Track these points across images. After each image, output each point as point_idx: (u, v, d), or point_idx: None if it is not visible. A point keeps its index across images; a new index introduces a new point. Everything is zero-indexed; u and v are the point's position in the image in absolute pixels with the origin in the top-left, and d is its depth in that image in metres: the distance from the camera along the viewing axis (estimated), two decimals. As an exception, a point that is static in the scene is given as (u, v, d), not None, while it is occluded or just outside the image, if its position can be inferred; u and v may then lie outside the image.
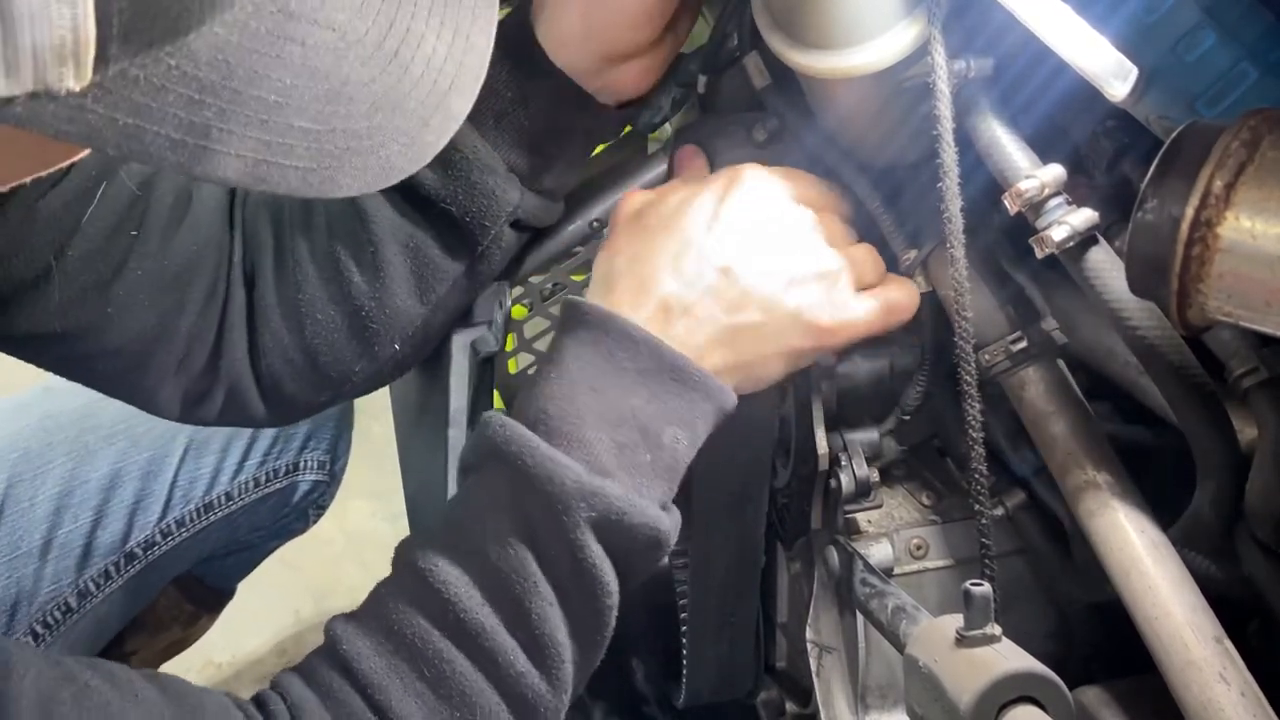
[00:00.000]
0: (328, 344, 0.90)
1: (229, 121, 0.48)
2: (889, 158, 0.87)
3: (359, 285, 0.88)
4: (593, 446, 0.73)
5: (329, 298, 0.89)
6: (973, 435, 0.76)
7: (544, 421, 0.73)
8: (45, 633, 1.22)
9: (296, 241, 0.89)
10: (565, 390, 0.74)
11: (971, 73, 0.77)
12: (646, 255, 0.78)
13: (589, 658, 0.75)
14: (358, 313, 0.89)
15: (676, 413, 0.75)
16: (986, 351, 0.84)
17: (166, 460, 1.27)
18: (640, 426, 0.74)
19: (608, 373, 0.74)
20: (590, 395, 0.74)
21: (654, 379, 0.75)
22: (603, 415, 0.73)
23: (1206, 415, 0.74)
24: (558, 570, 0.72)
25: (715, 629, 1.04)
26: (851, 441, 0.94)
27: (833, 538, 0.95)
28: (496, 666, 0.71)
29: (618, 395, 0.74)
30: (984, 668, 0.68)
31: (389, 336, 0.90)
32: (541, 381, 0.75)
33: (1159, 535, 0.77)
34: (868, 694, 0.95)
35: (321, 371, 0.91)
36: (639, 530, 0.73)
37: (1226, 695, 0.71)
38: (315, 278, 0.89)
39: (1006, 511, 0.94)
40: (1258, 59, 0.64)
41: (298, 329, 0.89)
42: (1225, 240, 0.61)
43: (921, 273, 0.87)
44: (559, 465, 0.71)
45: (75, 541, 1.22)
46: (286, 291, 0.89)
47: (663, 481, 0.75)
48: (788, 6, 0.78)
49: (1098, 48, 0.68)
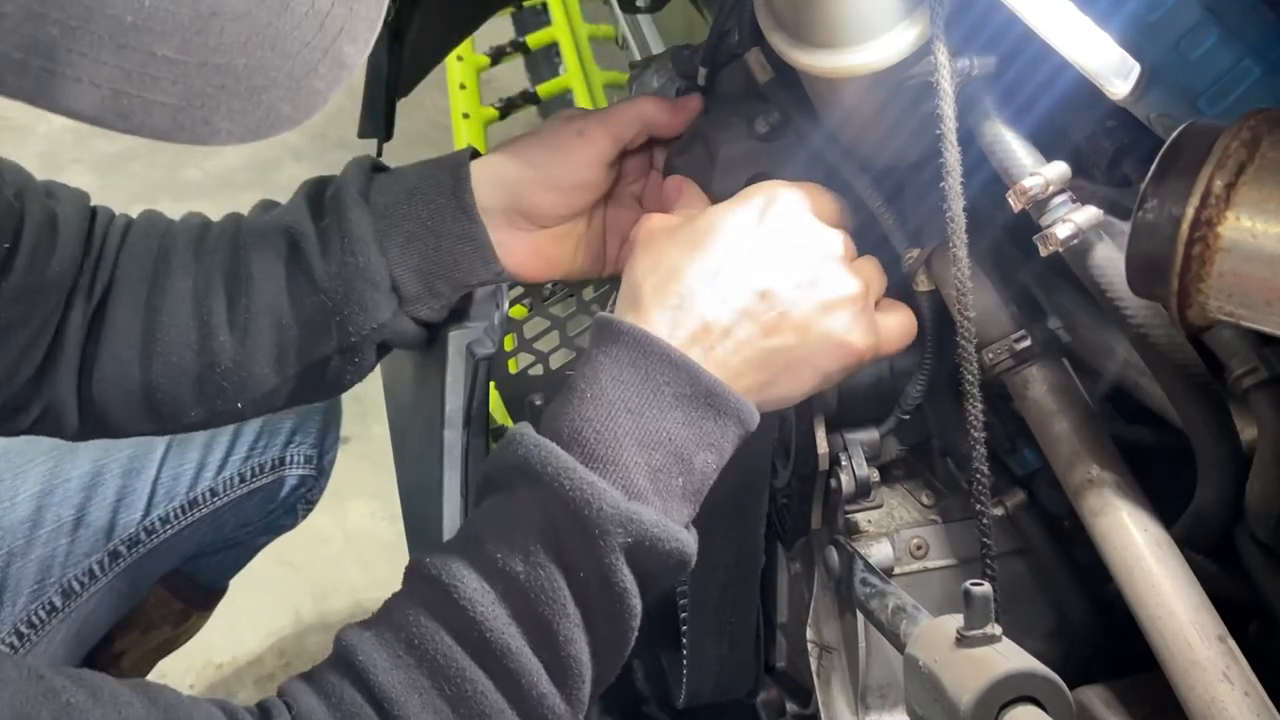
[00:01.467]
0: (171, 385, 0.90)
1: (77, 41, 0.45)
2: (891, 156, 0.87)
3: (223, 343, 0.89)
4: (629, 470, 0.72)
5: (190, 345, 0.89)
6: (974, 435, 0.76)
7: (580, 443, 0.72)
8: (30, 632, 1.21)
9: (175, 282, 0.90)
10: (603, 411, 0.73)
11: (974, 71, 0.77)
12: (682, 273, 0.78)
13: (607, 676, 0.75)
14: (213, 367, 0.89)
15: (709, 437, 0.75)
16: (990, 350, 0.84)
17: (149, 457, 1.27)
18: (675, 451, 0.73)
19: (645, 395, 0.73)
20: (628, 417, 0.73)
21: (690, 403, 0.74)
22: (639, 439, 0.73)
23: (1209, 415, 0.74)
24: (587, 592, 0.71)
25: (715, 629, 1.04)
26: (851, 441, 0.94)
27: (833, 538, 0.94)
28: (519, 688, 0.70)
29: (654, 418, 0.73)
30: (984, 668, 0.68)
31: (235, 396, 0.90)
32: (577, 401, 0.74)
33: (1162, 534, 0.77)
34: (868, 694, 0.95)
35: (154, 408, 0.91)
36: (669, 555, 0.73)
37: (1230, 695, 0.71)
38: (184, 322, 0.89)
39: (1006, 511, 0.94)
40: (1260, 57, 0.64)
41: (146, 364, 0.89)
42: (1225, 240, 0.61)
43: (924, 271, 0.87)
44: (596, 489, 0.70)
45: (58, 540, 1.22)
46: (150, 327, 0.89)
47: (690, 504, 0.76)
48: (790, 6, 0.78)
49: (1099, 46, 0.68)
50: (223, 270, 0.90)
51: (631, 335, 0.75)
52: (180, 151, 3.25)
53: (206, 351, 0.89)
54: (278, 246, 0.89)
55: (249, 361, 0.89)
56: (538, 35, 2.65)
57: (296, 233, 0.89)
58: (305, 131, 3.53)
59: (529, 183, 0.90)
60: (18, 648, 1.21)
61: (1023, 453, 0.94)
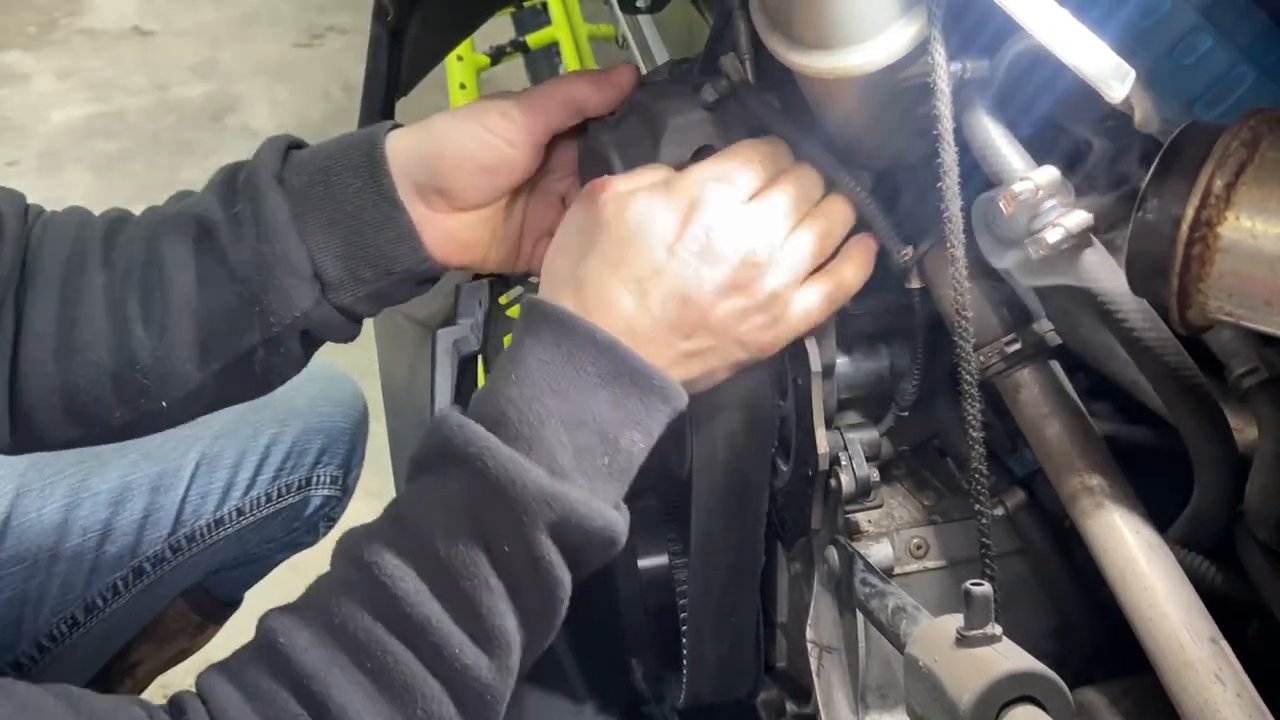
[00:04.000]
0: (91, 386, 0.88)
1: None
2: (887, 158, 0.87)
3: (140, 339, 0.87)
4: (553, 450, 0.73)
5: (106, 343, 0.87)
6: (973, 435, 0.76)
7: (504, 423, 0.73)
8: (52, 646, 1.21)
9: (90, 279, 0.88)
10: (527, 392, 0.74)
11: (967, 74, 0.77)
12: (613, 269, 0.78)
13: (539, 643, 0.76)
14: (132, 365, 0.87)
15: (635, 416, 0.76)
16: (981, 353, 0.84)
17: (178, 475, 1.26)
18: (600, 430, 0.74)
19: (570, 375, 0.74)
20: (552, 398, 0.74)
21: (615, 382, 0.75)
22: (564, 418, 0.74)
23: (1201, 415, 0.74)
24: (513, 568, 0.72)
25: (715, 629, 1.04)
26: (851, 441, 0.94)
27: (833, 538, 0.95)
28: (442, 659, 0.71)
29: (579, 398, 0.74)
30: (984, 668, 0.68)
31: (158, 394, 0.89)
32: (502, 381, 0.75)
33: (1154, 536, 0.77)
34: (868, 694, 0.95)
35: (77, 411, 0.89)
36: (597, 533, 0.74)
37: (1222, 696, 0.71)
38: (99, 320, 0.87)
39: (1006, 511, 0.94)
40: (1255, 61, 0.65)
41: (64, 365, 0.88)
42: (1225, 240, 0.61)
43: (917, 271, 0.87)
44: (520, 468, 0.71)
45: (83, 555, 1.21)
46: (65, 327, 0.87)
47: (618, 483, 0.76)
48: (785, 6, 0.78)
49: (1094, 50, 0.68)
50: (138, 264, 0.88)
51: (556, 315, 0.76)
52: (180, 152, 3.25)
53: (124, 349, 0.87)
54: (189, 236, 0.87)
55: (169, 357, 0.87)
56: (538, 35, 2.65)
57: (208, 221, 0.87)
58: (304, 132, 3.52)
59: (447, 159, 0.87)
60: (38, 660, 1.20)
61: (1023, 453, 0.94)
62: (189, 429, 1.25)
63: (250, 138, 3.37)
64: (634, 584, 1.17)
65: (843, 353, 0.96)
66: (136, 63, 3.74)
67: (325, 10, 3.92)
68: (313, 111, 3.51)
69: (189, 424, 1.25)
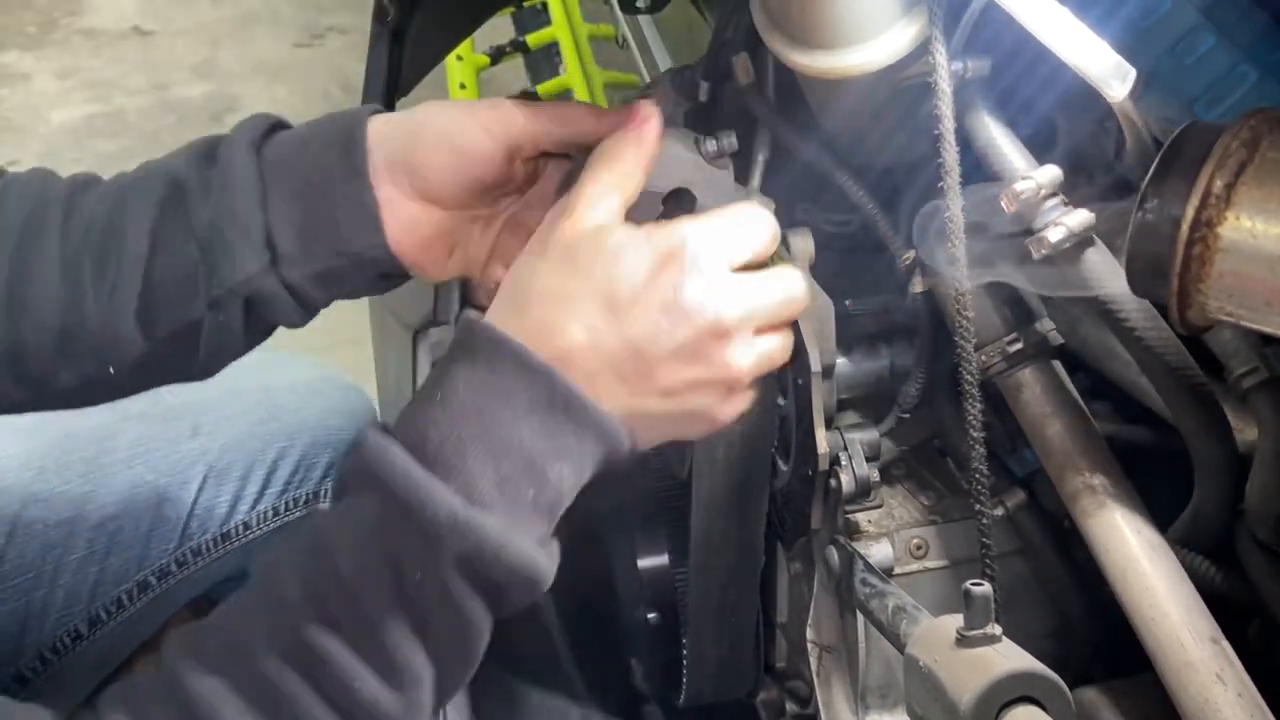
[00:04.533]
0: (39, 344, 0.86)
1: None
2: (888, 157, 0.88)
3: (90, 298, 0.85)
4: (473, 476, 0.69)
5: (57, 301, 0.85)
6: (973, 435, 0.76)
7: (423, 445, 0.69)
8: (55, 658, 1.20)
9: (47, 238, 0.86)
10: (451, 415, 0.70)
11: (969, 73, 0.77)
12: (567, 299, 0.73)
13: (455, 679, 0.73)
14: (81, 324, 0.85)
15: (566, 448, 0.71)
16: (983, 353, 0.84)
17: (185, 487, 1.25)
18: (526, 459, 0.70)
19: (499, 398, 0.70)
20: (477, 421, 0.70)
21: (547, 411, 0.70)
22: (488, 444, 0.69)
23: (1202, 415, 0.74)
24: (422, 598, 0.69)
25: (715, 629, 1.04)
26: (851, 441, 0.94)
27: (833, 538, 0.95)
28: (344, 693, 0.69)
29: (506, 423, 0.70)
30: (984, 668, 0.68)
31: (103, 358, 0.86)
32: (426, 403, 0.71)
33: (1156, 536, 0.77)
34: (868, 694, 0.95)
35: (23, 371, 0.87)
36: (515, 569, 0.69)
37: (1223, 695, 0.71)
38: (52, 278, 0.85)
39: (1006, 511, 0.94)
40: (1257, 61, 0.65)
41: (14, 322, 0.86)
42: (1225, 240, 0.61)
43: (919, 272, 0.87)
44: (433, 494, 0.68)
45: (88, 567, 1.20)
46: (15, 283, 0.85)
47: (544, 519, 0.72)
48: (786, 6, 0.78)
49: (1095, 50, 0.68)
50: (99, 223, 0.86)
51: (489, 334, 0.72)
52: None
53: (74, 308, 0.85)
54: (156, 196, 0.85)
55: (116, 320, 0.84)
56: (538, 35, 2.66)
57: (179, 180, 0.85)
58: (305, 131, 3.52)
59: (422, 135, 0.84)
60: (40, 672, 1.20)
61: (1023, 453, 0.94)
62: (196, 441, 1.25)
63: (250, 138, 3.37)
64: (634, 584, 1.17)
65: (843, 353, 0.96)
66: (136, 62, 3.74)
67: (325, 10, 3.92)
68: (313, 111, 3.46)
69: (196, 436, 1.25)
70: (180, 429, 1.26)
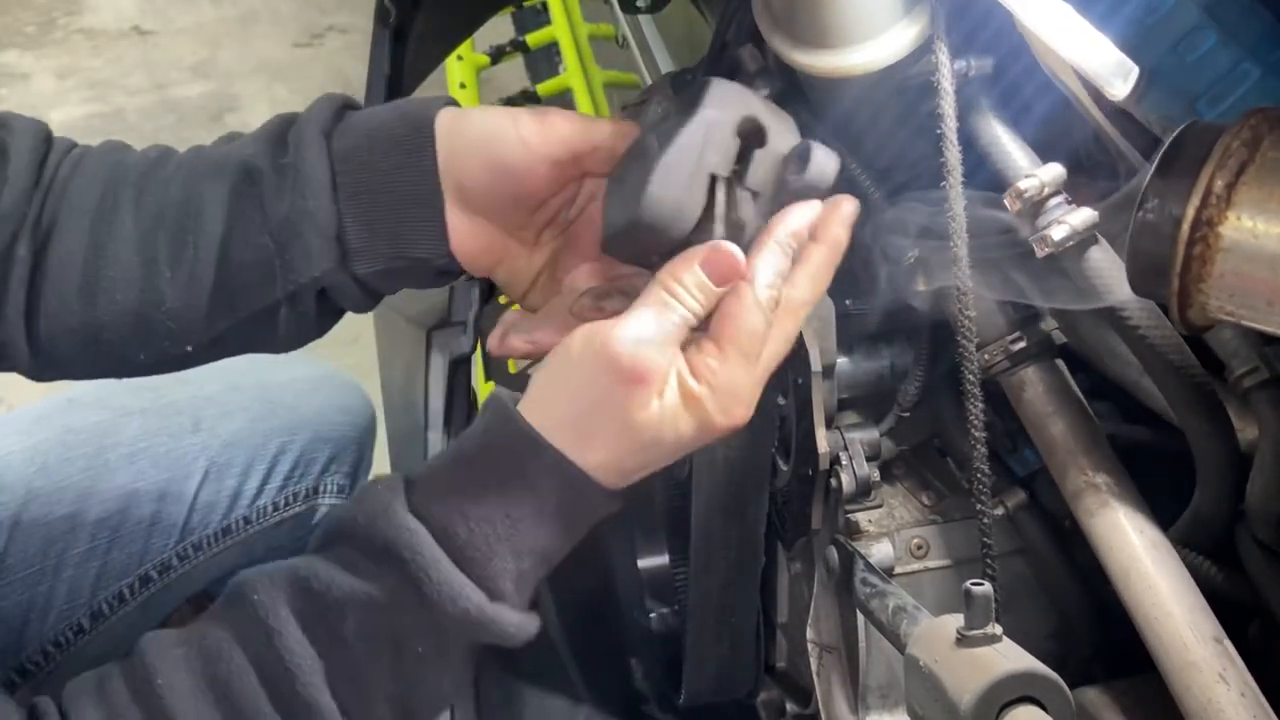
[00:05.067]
0: (116, 324, 0.86)
1: None
2: (890, 157, 0.87)
3: (167, 281, 0.85)
4: (498, 576, 0.71)
5: (133, 283, 0.85)
6: (975, 435, 0.76)
7: (452, 538, 0.71)
8: (56, 652, 1.21)
9: (121, 217, 0.86)
10: (484, 513, 0.71)
11: (972, 72, 0.77)
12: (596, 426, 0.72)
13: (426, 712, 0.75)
14: (159, 305, 0.85)
15: (578, 536, 0.74)
16: (986, 351, 0.84)
17: (186, 482, 1.25)
18: (544, 555, 0.73)
19: (528, 503, 0.71)
20: (505, 522, 0.71)
21: (570, 516, 0.73)
22: (514, 546, 0.71)
23: (1206, 415, 0.74)
24: (420, 670, 0.71)
25: (715, 629, 1.04)
26: (852, 441, 0.94)
27: (833, 537, 0.94)
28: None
29: (531, 529, 0.72)
30: (985, 668, 0.67)
31: (182, 338, 0.87)
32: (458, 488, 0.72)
33: (1158, 536, 0.77)
34: (868, 694, 0.95)
35: (100, 348, 0.87)
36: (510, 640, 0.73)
37: (1226, 695, 0.71)
38: (128, 260, 0.85)
39: (1007, 511, 0.94)
40: (1259, 59, 0.64)
41: (89, 301, 0.85)
42: (1226, 240, 0.61)
43: (922, 271, 0.87)
44: (461, 592, 0.70)
45: (90, 562, 1.21)
46: (92, 261, 0.85)
47: (539, 585, 0.75)
48: (788, 5, 0.78)
49: (1098, 47, 0.68)
50: (173, 205, 0.86)
51: (527, 436, 0.72)
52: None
53: (151, 290, 0.85)
54: (229, 182, 0.85)
55: (195, 303, 0.85)
56: (538, 34, 2.65)
57: (253, 168, 0.85)
58: (305, 131, 3.52)
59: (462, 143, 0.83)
60: (42, 666, 1.20)
61: (1023, 453, 0.94)
62: (197, 437, 1.25)
63: (250, 137, 3.37)
64: (634, 584, 1.17)
65: (843, 353, 0.96)
66: (136, 62, 3.74)
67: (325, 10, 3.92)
68: (312, 111, 3.51)
69: (197, 432, 1.26)
70: (181, 424, 1.26)
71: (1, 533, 1.16)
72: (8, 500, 1.18)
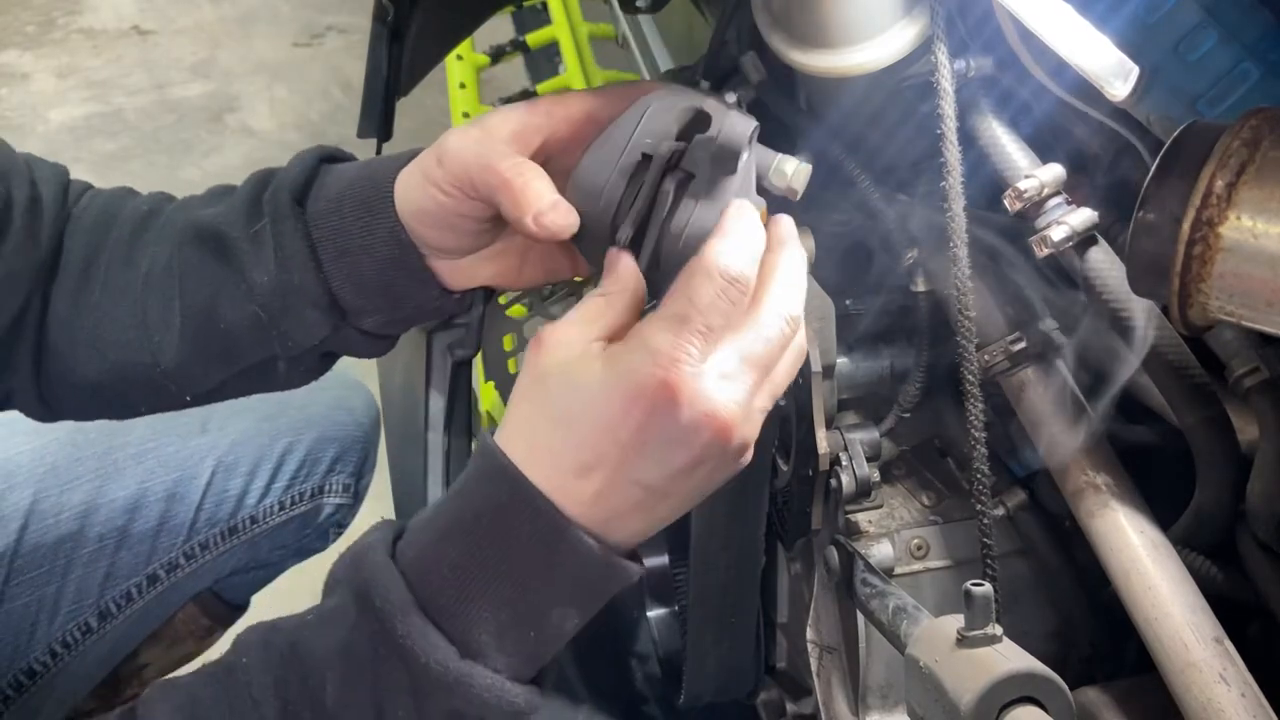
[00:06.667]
0: (115, 382, 0.88)
1: None
2: (890, 157, 0.87)
3: (159, 343, 0.86)
4: (470, 626, 0.67)
5: (130, 343, 0.86)
6: (975, 435, 0.76)
7: (427, 584, 0.67)
8: (64, 651, 1.21)
9: (113, 275, 0.87)
10: (464, 560, 0.67)
11: (972, 72, 0.77)
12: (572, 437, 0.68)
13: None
14: (154, 365, 0.87)
15: (575, 596, 0.69)
16: (986, 352, 0.84)
17: (193, 482, 1.26)
18: (531, 605, 0.68)
19: (515, 551, 0.67)
20: (488, 574, 0.67)
21: (564, 570, 0.68)
22: (496, 594, 0.67)
23: (1206, 415, 0.74)
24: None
25: (715, 629, 1.04)
26: (852, 441, 0.94)
27: (833, 538, 0.94)
28: None
29: (520, 575, 0.67)
30: (985, 668, 0.67)
31: (180, 391, 0.88)
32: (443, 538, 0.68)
33: (1159, 536, 0.77)
34: (868, 694, 0.95)
35: (104, 399, 0.90)
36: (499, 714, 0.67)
37: (1226, 696, 0.71)
38: (123, 319, 0.86)
39: (1007, 511, 0.94)
40: (1259, 59, 0.64)
41: (89, 359, 0.87)
42: (1227, 240, 0.61)
43: (921, 271, 0.87)
44: (428, 644, 0.66)
45: (98, 561, 1.21)
46: (88, 320, 0.87)
47: (540, 659, 0.70)
48: (788, 6, 0.78)
49: (1098, 48, 0.68)
50: (160, 267, 0.86)
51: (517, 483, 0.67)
52: (179, 151, 3.25)
53: (146, 351, 0.86)
54: (211, 250, 0.85)
55: (191, 361, 0.86)
56: (538, 34, 2.65)
57: (229, 239, 0.85)
58: (304, 131, 3.53)
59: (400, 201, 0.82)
60: (50, 665, 1.21)
61: (1023, 453, 0.94)
62: (204, 437, 1.27)
63: (250, 137, 3.37)
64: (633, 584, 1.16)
65: (843, 353, 0.96)
66: (135, 62, 3.74)
67: (325, 9, 3.92)
68: (312, 111, 3.51)
69: (204, 433, 1.28)
70: (189, 425, 1.27)
71: (10, 533, 1.17)
72: (17, 500, 1.19)
